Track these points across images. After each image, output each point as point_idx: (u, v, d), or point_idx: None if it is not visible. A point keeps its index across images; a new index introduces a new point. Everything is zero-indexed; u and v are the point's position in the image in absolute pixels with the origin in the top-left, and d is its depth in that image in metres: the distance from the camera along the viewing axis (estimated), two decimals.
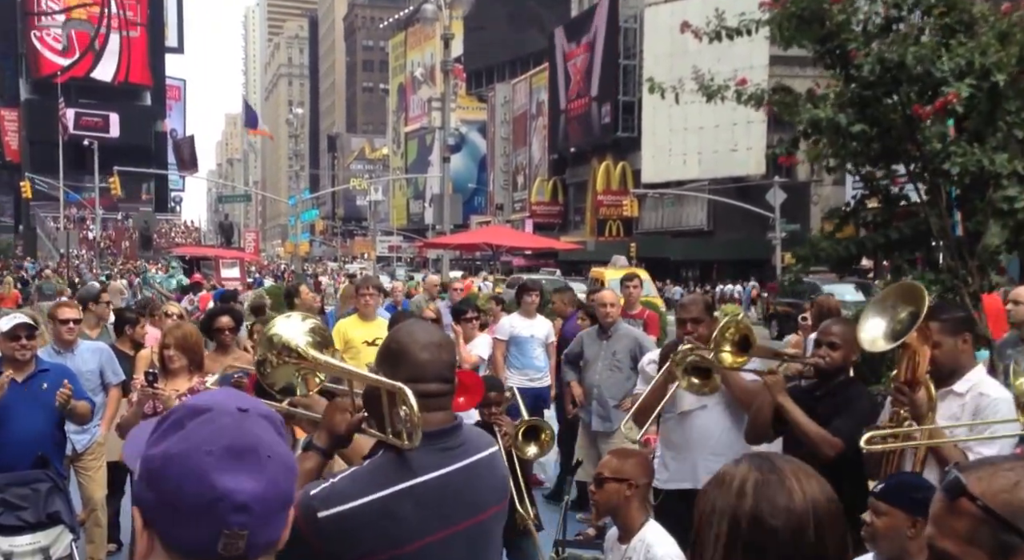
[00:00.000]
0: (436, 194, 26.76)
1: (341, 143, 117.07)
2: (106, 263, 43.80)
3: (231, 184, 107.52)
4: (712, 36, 7.14)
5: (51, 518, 4.80)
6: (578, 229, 56.06)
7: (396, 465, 2.04)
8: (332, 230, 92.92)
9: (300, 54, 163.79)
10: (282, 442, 1.19)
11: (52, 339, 6.31)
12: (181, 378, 5.32)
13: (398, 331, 2.21)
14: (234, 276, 23.26)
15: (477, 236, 22.01)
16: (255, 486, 1.11)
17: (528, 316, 8.39)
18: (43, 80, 69.11)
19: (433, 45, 74.25)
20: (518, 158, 67.70)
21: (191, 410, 1.17)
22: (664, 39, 43.54)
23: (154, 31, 76.81)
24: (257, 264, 41.79)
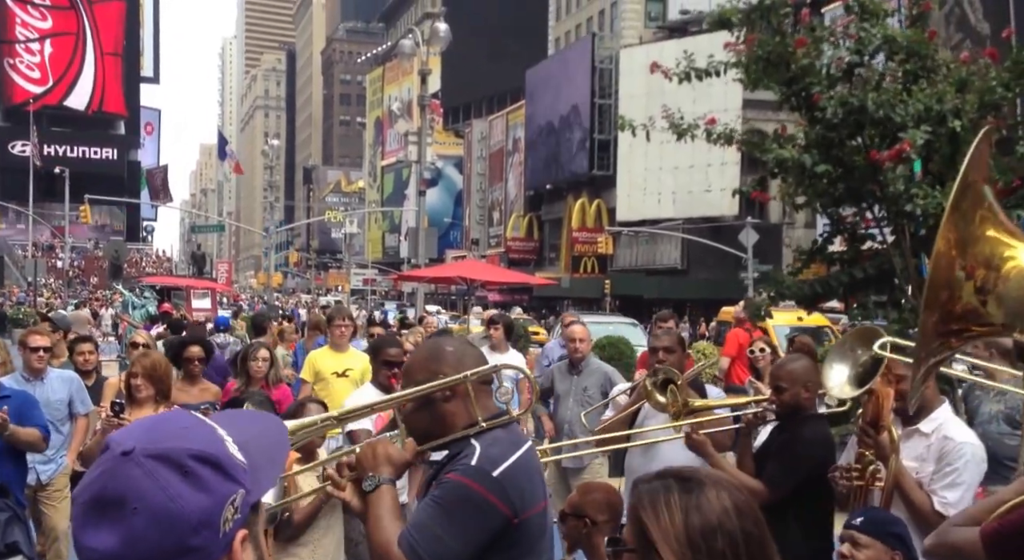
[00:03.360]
0: (412, 228, 26.80)
1: (317, 175, 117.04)
2: (75, 291, 43.37)
3: (205, 214, 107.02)
4: (682, 77, 7.27)
5: (9, 549, 4.71)
6: (553, 265, 56.22)
7: (507, 434, 2.25)
8: (306, 262, 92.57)
9: (277, 86, 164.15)
10: (176, 484, 1.04)
11: (22, 366, 6.26)
12: (147, 407, 5.27)
13: (440, 340, 2.45)
14: (206, 307, 23.08)
15: (452, 269, 22.02)
16: (113, 543, 1.02)
17: (498, 350, 8.32)
18: (15, 107, 68.77)
19: (411, 80, 74.66)
20: (494, 194, 67.97)
21: (105, 444, 1.09)
22: (639, 80, 44.05)
23: (129, 60, 76.71)
24: (230, 295, 41.50)
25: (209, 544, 1.06)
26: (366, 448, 2.25)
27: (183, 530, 1.04)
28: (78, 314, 15.58)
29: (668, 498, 1.62)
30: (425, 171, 23.62)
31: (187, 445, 1.07)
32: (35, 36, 73.82)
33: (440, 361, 2.27)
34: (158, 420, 1.16)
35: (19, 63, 72.94)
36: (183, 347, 6.75)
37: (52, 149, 64.75)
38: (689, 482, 1.67)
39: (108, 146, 73.41)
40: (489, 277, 19.37)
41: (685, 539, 1.58)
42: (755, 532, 1.62)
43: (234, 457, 1.11)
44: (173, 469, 1.05)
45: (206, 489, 1.06)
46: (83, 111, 74.17)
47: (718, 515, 1.60)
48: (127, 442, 1.06)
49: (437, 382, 2.22)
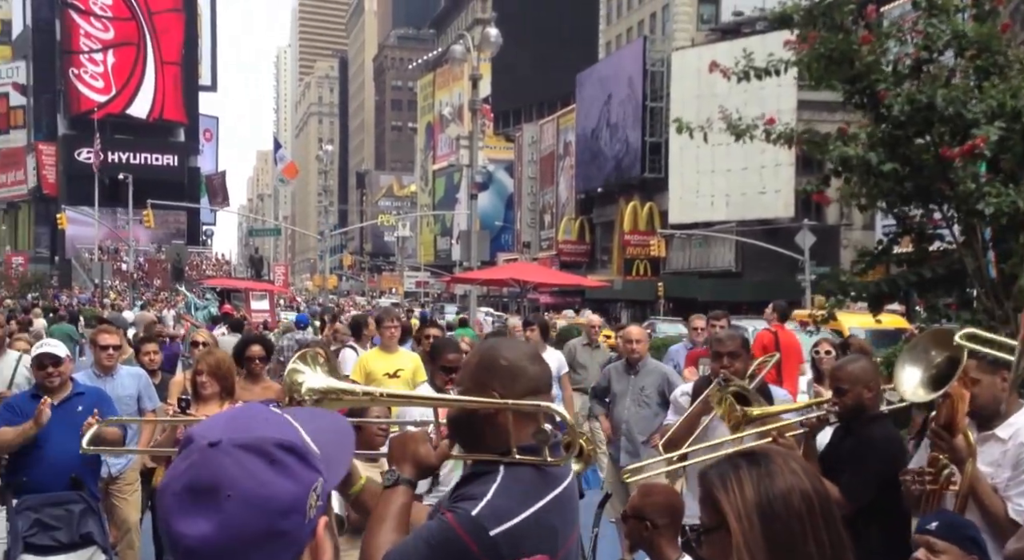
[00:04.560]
0: (463, 231, 26.90)
1: (370, 180, 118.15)
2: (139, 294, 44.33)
3: (262, 218, 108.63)
4: (740, 76, 7.18)
5: (84, 539, 4.85)
6: (605, 268, 56.07)
7: (540, 476, 2.06)
8: (360, 265, 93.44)
9: (330, 93, 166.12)
10: (264, 471, 1.08)
11: (92, 363, 6.42)
12: (213, 404, 5.38)
13: (497, 348, 2.20)
14: (264, 308, 23.45)
15: (505, 272, 22.07)
16: (207, 529, 1.05)
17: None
18: (80, 116, 70.49)
19: (461, 85, 75.01)
20: (545, 197, 67.98)
21: (184, 438, 1.13)
22: (691, 82, 43.84)
23: (188, 69, 78.27)
24: (287, 297, 42.10)
25: (297, 529, 1.10)
26: (398, 438, 2.16)
27: (274, 514, 1.07)
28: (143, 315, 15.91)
29: (738, 474, 1.67)
30: (476, 175, 23.68)
31: (271, 434, 1.11)
32: (98, 47, 75.71)
33: (492, 374, 2.11)
34: (237, 412, 1.19)
35: (83, 73, 74.86)
36: (245, 346, 6.86)
37: (116, 156, 66.29)
38: (755, 456, 1.72)
39: (169, 153, 75.00)
40: (542, 279, 19.39)
41: (759, 508, 1.62)
42: (825, 492, 1.69)
43: (310, 446, 1.14)
44: (260, 457, 1.08)
45: (292, 476, 1.09)
46: (144, 119, 75.87)
47: (790, 479, 1.65)
48: (211, 434, 1.09)
49: (478, 399, 2.08)
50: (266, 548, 1.07)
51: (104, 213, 53.69)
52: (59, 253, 72.44)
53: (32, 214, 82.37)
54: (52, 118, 76.46)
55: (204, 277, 55.67)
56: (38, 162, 77.17)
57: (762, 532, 1.63)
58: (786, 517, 1.63)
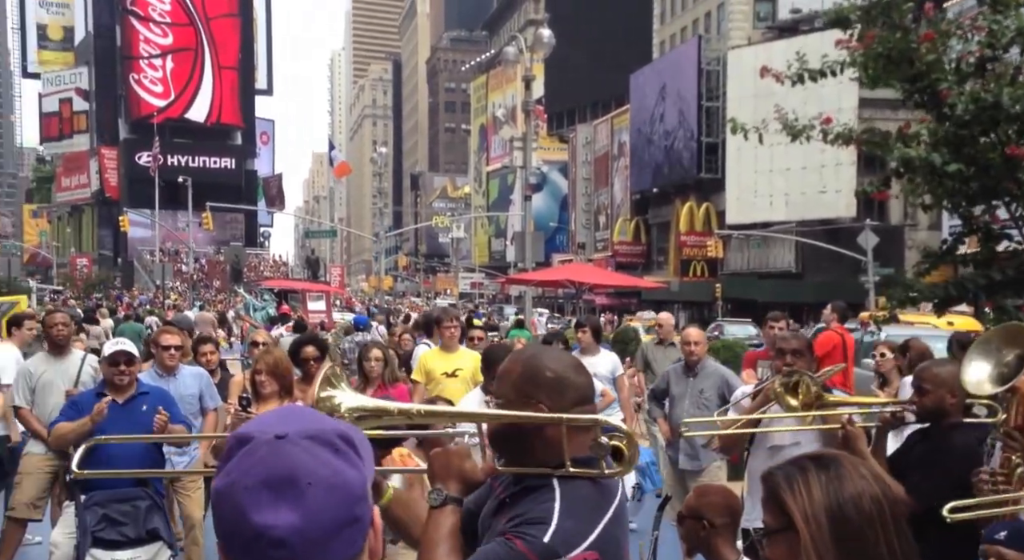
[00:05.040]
0: (518, 232, 26.93)
1: (424, 182, 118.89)
2: (198, 295, 45.16)
3: (317, 220, 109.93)
4: (794, 79, 7.09)
5: (150, 534, 4.94)
6: (661, 269, 55.74)
7: (597, 489, 2.02)
8: (415, 266, 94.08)
9: (384, 96, 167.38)
10: (333, 460, 1.10)
11: (155, 363, 6.55)
12: (272, 402, 5.44)
13: (540, 358, 2.13)
14: (320, 309, 23.68)
15: (560, 273, 22.02)
16: (293, 518, 1.05)
17: (588, 353, 8.20)
18: (141, 120, 72.02)
19: (514, 87, 75.10)
20: (599, 198, 67.77)
21: (238, 439, 1.13)
22: (748, 81, 43.33)
23: (245, 73, 79.52)
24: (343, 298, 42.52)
25: (366, 514, 1.13)
26: (440, 455, 2.08)
27: (351, 501, 1.09)
28: (203, 315, 16.19)
29: (806, 476, 1.65)
30: (531, 176, 23.67)
31: (329, 426, 1.13)
32: (157, 52, 77.29)
33: (538, 386, 2.03)
34: (283, 412, 1.19)
35: (143, 78, 76.49)
36: (299, 347, 6.95)
37: (175, 159, 67.61)
38: (823, 459, 1.70)
39: (226, 156, 76.29)
40: (597, 280, 19.31)
41: (828, 510, 1.61)
42: (896, 496, 1.67)
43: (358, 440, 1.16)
44: (327, 447, 1.10)
45: (355, 464, 1.11)
46: (202, 123, 77.30)
47: (859, 482, 1.63)
48: (272, 429, 1.10)
49: (529, 414, 2.00)
50: (345, 534, 1.09)
51: (164, 215, 54.74)
52: (122, 255, 74.11)
53: (95, 217, 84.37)
54: (114, 123, 78.23)
55: (262, 278, 56.44)
56: (100, 166, 79.03)
57: (831, 535, 1.61)
58: (856, 521, 1.61)
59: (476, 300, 59.71)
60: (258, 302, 23.14)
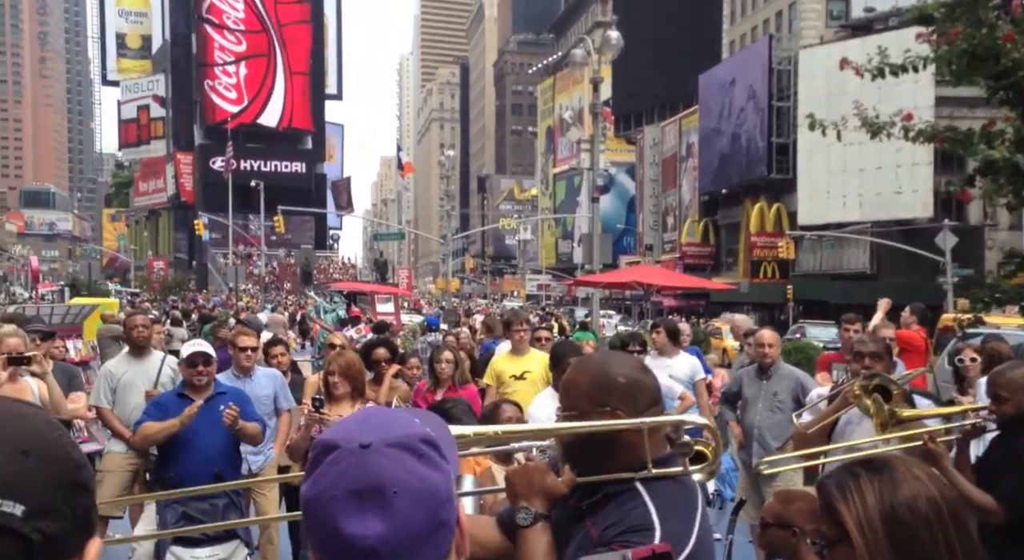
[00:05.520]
0: (585, 234, 26.85)
1: (491, 184, 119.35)
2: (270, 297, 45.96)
3: (385, 223, 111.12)
4: (875, 73, 6.92)
5: (228, 532, 5.05)
6: (730, 270, 55.10)
7: (681, 488, 2.05)
8: (482, 268, 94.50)
9: (451, 99, 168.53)
10: (418, 466, 1.11)
11: (232, 365, 6.68)
12: (345, 404, 5.53)
13: (608, 365, 2.15)
14: (388, 311, 23.86)
15: (628, 275, 21.91)
16: (382, 527, 1.07)
17: (664, 355, 8.08)
18: (215, 126, 73.61)
19: (581, 89, 74.96)
20: (667, 199, 67.26)
21: (323, 446, 1.14)
22: (819, 81, 42.67)
23: (315, 78, 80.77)
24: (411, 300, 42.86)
25: (452, 517, 1.14)
26: (521, 473, 2.07)
27: (437, 506, 1.10)
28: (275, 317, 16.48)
29: (858, 482, 1.62)
30: (598, 178, 23.58)
31: (411, 430, 1.14)
32: (231, 59, 78.95)
33: (611, 393, 2.04)
34: (366, 416, 1.20)
35: (217, 85, 78.21)
36: (370, 349, 7.04)
37: (247, 164, 68.86)
38: (876, 463, 1.67)
39: (297, 160, 77.56)
40: (666, 282, 19.15)
41: (883, 516, 1.57)
42: (953, 496, 1.63)
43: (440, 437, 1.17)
44: (411, 453, 1.11)
45: (438, 468, 1.12)
46: (274, 128, 78.72)
47: (914, 485, 1.59)
48: (357, 437, 1.11)
49: (610, 422, 2.00)
50: (432, 539, 1.10)
51: (237, 219, 55.83)
52: (196, 258, 75.84)
53: (171, 221, 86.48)
54: (189, 128, 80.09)
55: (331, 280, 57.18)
56: (176, 171, 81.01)
57: (888, 542, 1.57)
58: (913, 525, 1.57)
59: (543, 302, 59.68)
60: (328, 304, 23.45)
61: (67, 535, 0.84)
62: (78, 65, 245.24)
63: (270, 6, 79.27)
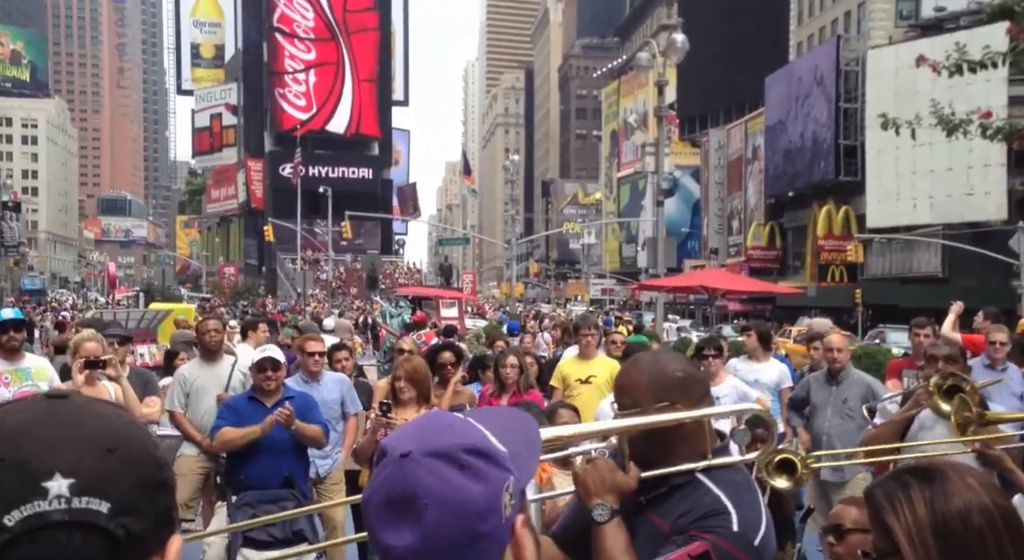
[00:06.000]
0: (649, 237, 26.68)
1: (555, 188, 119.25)
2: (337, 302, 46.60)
3: (450, 228, 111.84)
4: (952, 70, 6.77)
5: (296, 535, 5.14)
6: (797, 274, 54.23)
7: (740, 474, 2.11)
8: (546, 273, 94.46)
9: (516, 104, 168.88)
10: (456, 477, 1.10)
11: (300, 369, 6.80)
12: (411, 408, 5.59)
13: (662, 362, 2.23)
14: (453, 315, 24.00)
15: (693, 279, 21.72)
16: (412, 540, 1.07)
17: (754, 359, 8.01)
18: (284, 133, 74.84)
19: (646, 92, 74.51)
20: (733, 202, 66.48)
21: (380, 451, 1.16)
22: (888, 82, 41.83)
23: (383, 85, 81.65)
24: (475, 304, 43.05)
25: (496, 529, 1.12)
26: (592, 470, 2.10)
27: (472, 518, 1.09)
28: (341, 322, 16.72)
29: (908, 493, 1.57)
30: (662, 181, 23.43)
31: (456, 440, 1.13)
32: (301, 67, 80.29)
33: (671, 388, 2.12)
34: (423, 421, 1.22)
35: (288, 93, 79.62)
36: (436, 353, 7.11)
37: (315, 170, 69.84)
38: (927, 472, 1.61)
39: (364, 166, 78.47)
40: (732, 286, 18.95)
41: (934, 529, 1.53)
42: (1007, 505, 1.57)
43: (497, 446, 1.15)
44: (450, 463, 1.10)
45: (482, 478, 1.11)
46: (342, 134, 79.80)
47: (966, 495, 1.54)
48: (402, 445, 1.13)
49: (676, 415, 2.05)
50: (470, 551, 1.10)
51: (305, 225, 56.67)
52: (266, 263, 77.15)
53: (242, 227, 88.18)
54: (260, 136, 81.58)
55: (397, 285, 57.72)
56: (247, 178, 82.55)
57: (939, 554, 1.52)
58: (965, 536, 1.52)
59: (607, 306, 59.45)
60: (394, 309, 23.67)
61: (150, 532, 0.86)
62: (154, 75, 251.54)
63: (339, 14, 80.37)
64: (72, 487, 0.81)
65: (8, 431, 0.85)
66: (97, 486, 0.83)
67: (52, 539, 0.80)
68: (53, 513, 0.81)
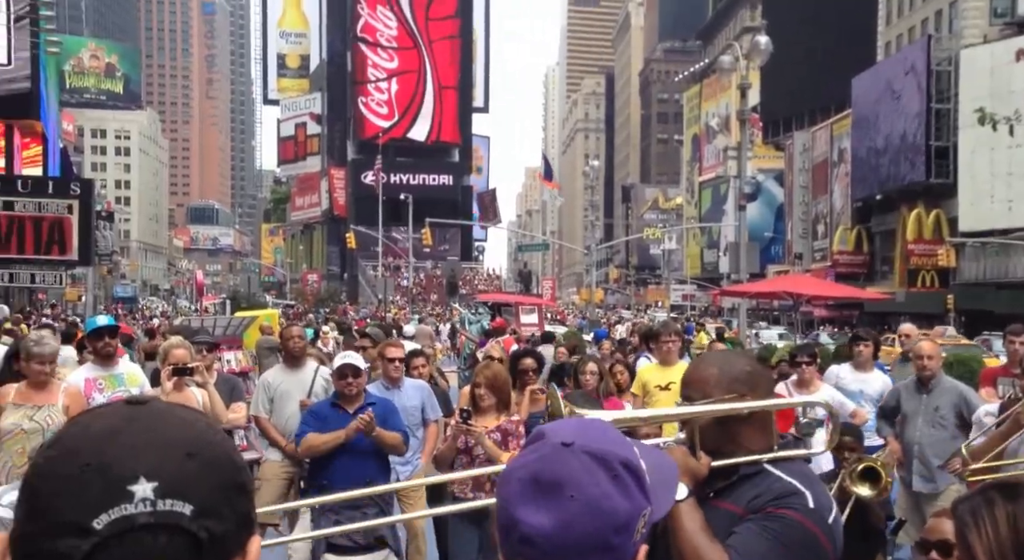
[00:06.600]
0: (732, 242, 26.35)
1: (635, 193, 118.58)
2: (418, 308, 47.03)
3: (530, 234, 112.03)
4: None
5: (378, 541, 5.17)
6: (885, 279, 52.84)
7: (809, 470, 2.19)
8: (626, 278, 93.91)
9: (596, 109, 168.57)
10: (607, 483, 1.10)
11: (381, 375, 6.86)
12: (490, 416, 5.60)
13: (730, 359, 2.38)
14: (533, 322, 23.98)
15: (777, 284, 21.33)
16: (546, 523, 1.09)
17: (860, 369, 7.74)
18: (366, 141, 75.92)
19: (728, 95, 73.57)
20: (818, 206, 65.14)
21: (536, 433, 1.19)
22: (982, 81, 40.51)
23: (463, 92, 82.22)
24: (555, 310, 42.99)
25: (624, 547, 1.12)
26: (672, 451, 2.15)
27: (609, 527, 1.10)
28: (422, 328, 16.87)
29: (991, 510, 1.53)
30: (745, 185, 23.10)
31: (616, 450, 1.14)
32: (383, 76, 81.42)
33: (740, 381, 2.18)
34: (589, 423, 1.23)
35: (370, 101, 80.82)
36: (517, 360, 7.11)
37: (397, 178, 70.64)
38: (1012, 489, 1.57)
39: (444, 173, 79.07)
40: (817, 292, 18.53)
41: (1015, 548, 1.48)
42: None
43: (647, 473, 1.16)
44: (605, 470, 1.11)
45: (629, 496, 1.12)
46: (423, 142, 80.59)
47: None
48: (565, 435, 1.14)
49: (741, 404, 2.12)
50: (593, 554, 1.10)
51: (386, 232, 57.34)
52: (347, 270, 78.34)
53: (325, 234, 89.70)
54: (342, 144, 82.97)
55: (476, 291, 57.97)
56: (330, 185, 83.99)
57: None
58: None
59: (687, 312, 58.79)
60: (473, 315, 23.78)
61: (230, 534, 0.88)
62: (241, 86, 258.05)
63: (421, 23, 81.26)
64: (156, 490, 0.83)
65: (92, 437, 0.87)
66: (180, 489, 0.84)
67: (139, 541, 0.82)
68: (139, 516, 0.83)
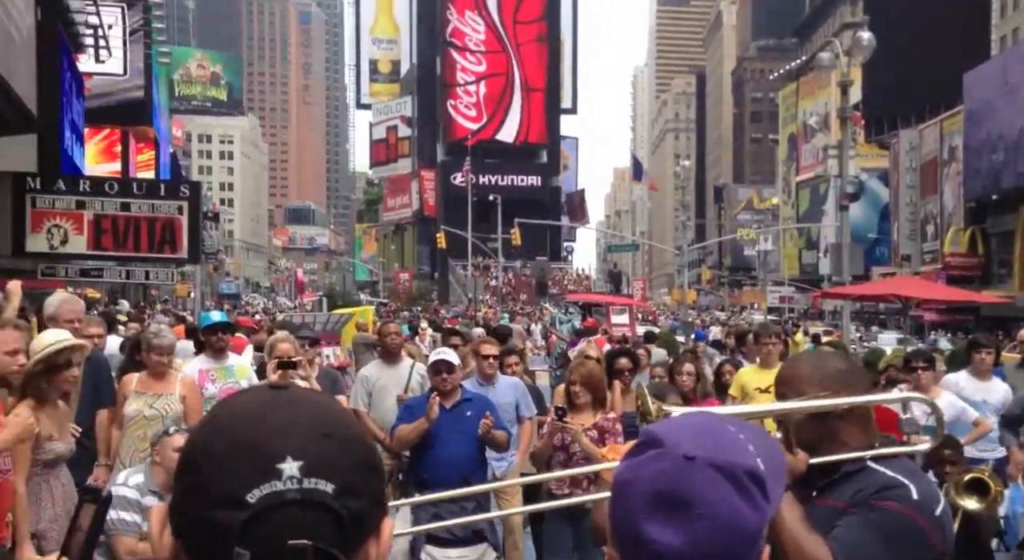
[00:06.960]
0: (833, 243, 25.63)
1: (728, 194, 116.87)
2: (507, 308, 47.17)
3: (619, 234, 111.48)
4: None
5: (476, 535, 5.17)
6: (1003, 283, 50.67)
7: (914, 465, 2.21)
8: (719, 280, 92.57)
9: (687, 109, 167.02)
10: (734, 498, 1.07)
11: (476, 372, 6.84)
12: (586, 413, 5.60)
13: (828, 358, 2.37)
14: (623, 322, 23.77)
15: (884, 287, 20.62)
16: (677, 542, 1.05)
17: (980, 377, 7.36)
18: (455, 143, 76.72)
19: (827, 93, 71.83)
20: (927, 206, 62.93)
21: (651, 438, 1.13)
22: None
23: (551, 94, 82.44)
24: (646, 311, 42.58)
25: (753, 556, 1.09)
26: None
27: (740, 543, 1.07)
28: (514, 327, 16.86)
29: None
30: (847, 185, 22.45)
31: (740, 460, 1.10)
32: (472, 79, 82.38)
33: (837, 379, 2.19)
34: (704, 424, 1.16)
35: (459, 104, 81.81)
36: (612, 359, 7.08)
37: (485, 179, 71.08)
38: None
39: (533, 174, 79.43)
40: (929, 295, 17.81)
41: None
42: None
43: (767, 475, 1.12)
44: (732, 482, 1.08)
45: (756, 507, 1.08)
46: (511, 143, 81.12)
47: None
48: (684, 444, 1.09)
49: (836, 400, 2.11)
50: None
51: (475, 232, 57.65)
52: (438, 269, 79.22)
53: (415, 234, 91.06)
54: (432, 146, 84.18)
55: (566, 292, 57.89)
56: (420, 187, 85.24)
57: None
58: None
59: (785, 315, 57.54)
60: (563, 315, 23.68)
61: (367, 512, 0.92)
62: (335, 91, 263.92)
63: (509, 27, 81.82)
64: (302, 469, 0.88)
65: (241, 417, 0.93)
66: (322, 468, 0.89)
67: (287, 516, 0.87)
68: (288, 492, 0.87)
